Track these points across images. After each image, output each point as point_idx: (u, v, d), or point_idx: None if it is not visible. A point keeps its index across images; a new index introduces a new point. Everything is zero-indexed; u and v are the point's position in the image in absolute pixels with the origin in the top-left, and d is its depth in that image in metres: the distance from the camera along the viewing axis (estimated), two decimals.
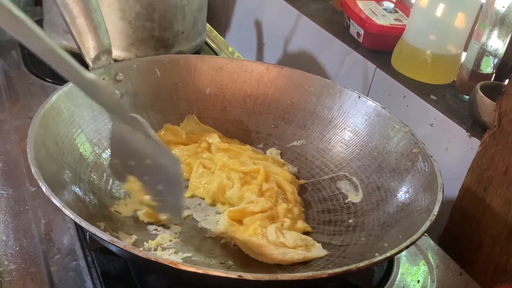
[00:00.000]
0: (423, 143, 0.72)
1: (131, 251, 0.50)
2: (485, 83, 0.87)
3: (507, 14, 0.86)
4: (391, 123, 0.77)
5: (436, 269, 0.72)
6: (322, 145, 0.82)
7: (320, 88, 0.84)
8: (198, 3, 1.06)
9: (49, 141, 0.65)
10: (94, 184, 0.69)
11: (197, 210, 0.72)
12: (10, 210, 0.70)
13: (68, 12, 0.72)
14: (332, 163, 0.80)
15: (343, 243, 0.67)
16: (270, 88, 0.86)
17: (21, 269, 0.62)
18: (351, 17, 1.11)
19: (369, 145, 0.78)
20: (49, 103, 0.68)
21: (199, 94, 0.86)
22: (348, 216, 0.72)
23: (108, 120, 0.76)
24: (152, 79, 0.82)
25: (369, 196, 0.74)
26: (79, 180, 0.67)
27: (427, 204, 0.64)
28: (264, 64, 0.87)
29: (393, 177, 0.73)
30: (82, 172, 0.69)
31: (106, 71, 0.76)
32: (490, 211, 0.77)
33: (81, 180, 0.67)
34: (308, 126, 0.84)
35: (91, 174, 0.70)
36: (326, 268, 0.63)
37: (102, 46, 0.74)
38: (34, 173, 0.56)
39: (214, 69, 0.86)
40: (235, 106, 0.87)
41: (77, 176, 0.67)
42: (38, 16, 1.18)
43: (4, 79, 0.97)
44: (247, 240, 0.64)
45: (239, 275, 0.48)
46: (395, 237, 0.62)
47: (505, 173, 0.75)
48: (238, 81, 0.87)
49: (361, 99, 0.81)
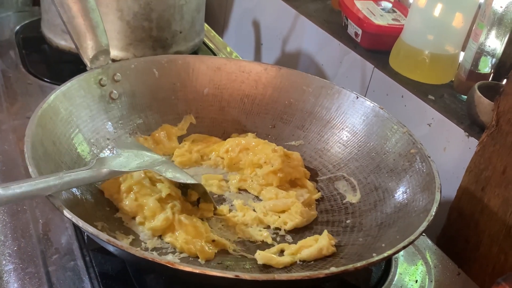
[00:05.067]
0: (421, 143, 0.72)
1: (128, 250, 0.50)
2: (483, 83, 0.87)
3: (505, 14, 0.86)
4: (389, 123, 0.77)
5: (434, 269, 0.72)
6: (320, 145, 0.82)
7: (318, 89, 0.84)
8: (196, 3, 1.05)
9: (47, 141, 0.65)
10: (92, 184, 0.69)
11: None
12: (8, 210, 0.70)
13: (66, 12, 0.72)
14: (330, 164, 0.80)
15: (341, 243, 0.67)
16: (268, 88, 0.86)
17: (19, 269, 0.62)
18: (349, 17, 1.11)
19: (367, 146, 0.78)
20: (46, 103, 0.68)
21: (197, 94, 0.86)
22: (346, 216, 0.72)
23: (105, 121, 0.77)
24: (150, 79, 0.82)
25: (367, 197, 0.74)
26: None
27: (424, 204, 0.64)
28: (262, 64, 0.87)
29: (391, 177, 0.73)
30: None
31: (104, 71, 0.76)
32: (488, 211, 0.77)
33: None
34: (306, 126, 0.84)
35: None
36: (323, 268, 0.63)
37: (100, 46, 0.74)
38: (31, 173, 0.56)
39: (212, 70, 0.86)
40: (233, 106, 0.87)
41: None
42: (36, 16, 1.18)
43: (2, 79, 0.97)
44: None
45: (236, 275, 0.48)
46: (393, 238, 0.62)
47: (503, 173, 0.75)
48: (236, 81, 0.87)
49: (359, 99, 0.81)
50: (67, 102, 0.71)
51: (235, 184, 0.77)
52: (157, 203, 0.67)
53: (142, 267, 0.62)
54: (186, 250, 0.63)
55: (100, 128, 0.75)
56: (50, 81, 0.98)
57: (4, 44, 1.09)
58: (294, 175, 0.78)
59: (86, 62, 0.75)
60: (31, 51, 1.07)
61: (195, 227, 0.65)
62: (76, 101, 0.72)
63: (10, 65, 1.01)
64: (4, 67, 1.00)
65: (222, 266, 0.63)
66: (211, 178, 0.77)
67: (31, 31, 1.14)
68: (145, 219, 0.66)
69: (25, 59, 1.04)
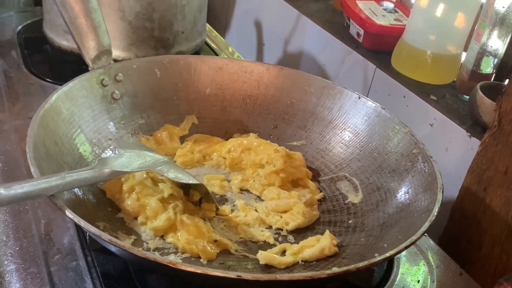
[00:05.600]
0: (423, 143, 0.72)
1: (130, 251, 0.50)
2: (485, 83, 0.87)
3: (507, 14, 0.86)
4: (391, 123, 0.77)
5: (436, 269, 0.72)
6: (322, 145, 0.82)
7: (320, 89, 0.84)
8: (198, 3, 1.06)
9: (49, 141, 0.65)
10: (93, 184, 0.69)
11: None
12: (10, 210, 0.70)
13: (68, 12, 0.72)
14: (332, 164, 0.80)
15: (343, 243, 0.67)
16: (270, 88, 0.86)
17: (21, 269, 0.62)
18: (351, 17, 1.11)
19: (369, 146, 0.78)
20: (48, 103, 0.68)
21: (199, 94, 0.86)
22: (348, 216, 0.72)
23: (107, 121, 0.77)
24: (152, 79, 0.82)
25: (369, 197, 0.74)
26: None
27: (426, 204, 0.64)
28: (264, 64, 0.87)
29: (393, 177, 0.73)
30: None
31: (106, 71, 0.76)
32: (490, 211, 0.77)
33: None
34: (308, 126, 0.84)
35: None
36: (325, 268, 0.63)
37: (102, 46, 0.74)
38: (33, 173, 0.56)
39: (214, 70, 0.86)
40: (235, 106, 0.87)
41: None
42: (38, 16, 1.18)
43: (4, 79, 0.97)
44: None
45: (238, 275, 0.48)
46: (395, 238, 0.62)
47: (505, 173, 0.75)
48: (238, 81, 0.87)
49: (361, 99, 0.81)
50: (69, 102, 0.71)
51: (237, 184, 0.77)
52: (159, 203, 0.67)
53: (144, 267, 0.62)
54: (188, 250, 0.63)
55: (102, 128, 0.75)
56: (52, 81, 0.98)
57: (6, 44, 1.09)
58: (296, 175, 0.78)
59: (88, 62, 0.75)
60: (33, 51, 1.07)
61: (197, 227, 0.65)
62: (78, 101, 0.73)
63: (12, 65, 1.02)
64: (6, 67, 1.00)
65: (224, 266, 0.63)
66: (213, 178, 0.77)
67: (33, 31, 1.14)
68: (147, 219, 0.66)
69: (27, 59, 1.04)
